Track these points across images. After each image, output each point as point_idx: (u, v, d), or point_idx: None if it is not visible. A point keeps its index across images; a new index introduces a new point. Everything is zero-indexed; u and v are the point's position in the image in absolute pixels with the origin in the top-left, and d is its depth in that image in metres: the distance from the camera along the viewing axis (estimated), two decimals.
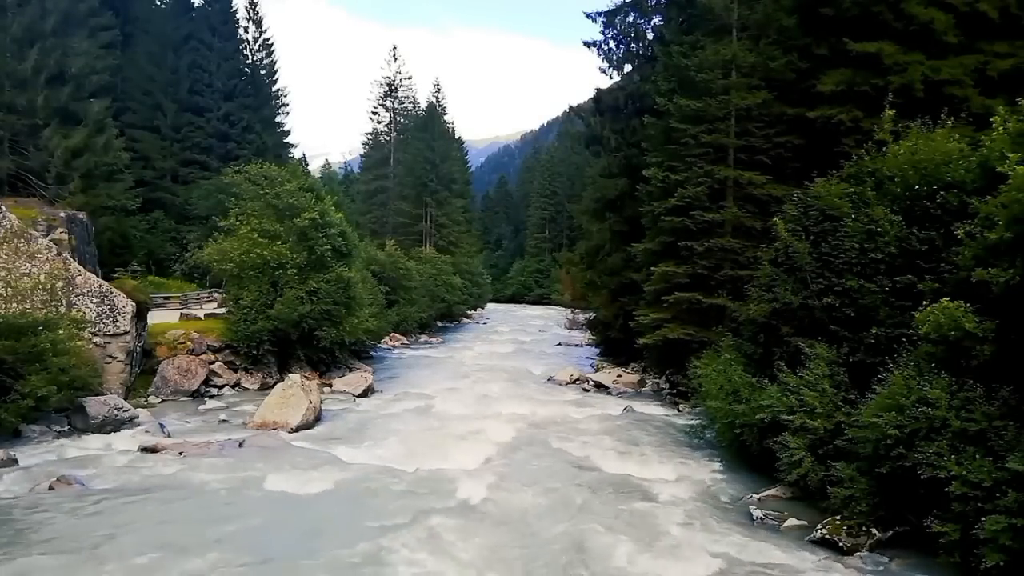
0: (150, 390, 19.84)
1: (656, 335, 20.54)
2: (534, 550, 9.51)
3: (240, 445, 14.61)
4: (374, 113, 67.31)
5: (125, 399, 17.19)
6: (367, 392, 22.01)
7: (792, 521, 10.59)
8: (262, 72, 47.64)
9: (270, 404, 17.03)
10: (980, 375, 8.93)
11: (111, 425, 15.50)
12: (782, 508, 11.17)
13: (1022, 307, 8.60)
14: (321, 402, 18.11)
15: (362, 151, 72.71)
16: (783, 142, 19.37)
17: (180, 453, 13.68)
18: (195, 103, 42.06)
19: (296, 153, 52.57)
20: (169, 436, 15.36)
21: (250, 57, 46.99)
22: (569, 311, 45.18)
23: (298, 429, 16.32)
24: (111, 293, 18.36)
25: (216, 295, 32.46)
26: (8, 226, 17.32)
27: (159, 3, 45.67)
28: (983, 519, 7.80)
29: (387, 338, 35.85)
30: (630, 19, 27.90)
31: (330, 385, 22.51)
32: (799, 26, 18.74)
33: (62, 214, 21.16)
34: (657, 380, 24.13)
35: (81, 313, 17.45)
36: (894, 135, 12.82)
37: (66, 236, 19.96)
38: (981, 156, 10.54)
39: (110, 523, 9.95)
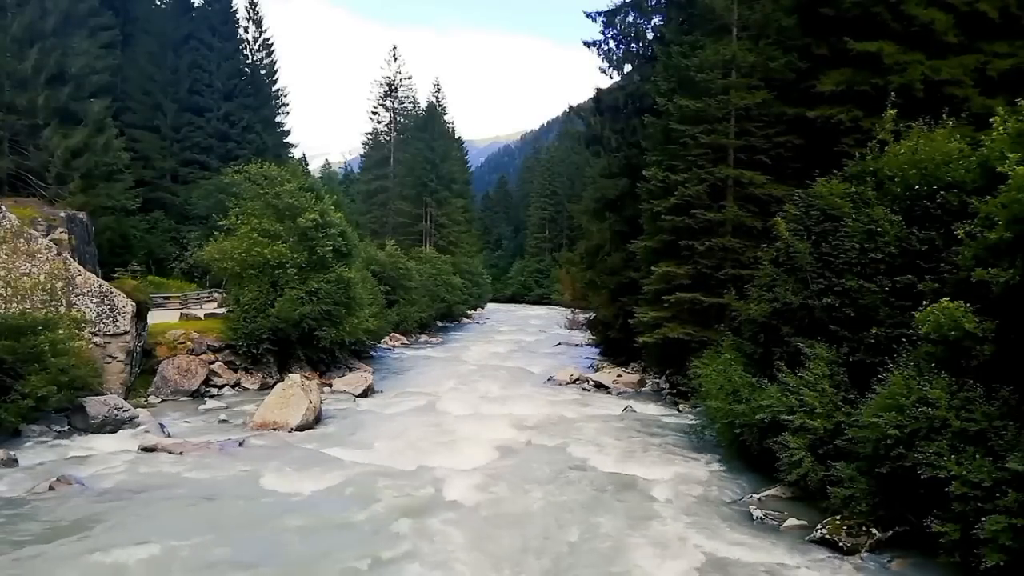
0: (150, 390, 19.84)
1: (656, 334, 20.52)
2: (533, 550, 9.52)
3: (240, 445, 14.64)
4: (374, 113, 67.32)
5: (125, 399, 17.19)
6: (367, 392, 22.01)
7: (792, 521, 10.59)
8: (262, 72, 47.60)
9: (270, 404, 17.03)
10: (980, 375, 8.92)
11: (111, 425, 15.51)
12: (782, 508, 11.17)
13: (1022, 307, 8.60)
14: (321, 402, 18.10)
15: (362, 151, 72.68)
16: (783, 142, 19.35)
17: (180, 453, 13.69)
18: (195, 103, 42.02)
19: (296, 153, 52.62)
20: (169, 436, 15.35)
21: (250, 57, 46.95)
22: (569, 311, 45.12)
23: (298, 429, 16.32)
24: (111, 293, 18.36)
25: (216, 295, 32.46)
26: (8, 226, 17.32)
27: (159, 3, 45.62)
28: (983, 519, 7.79)
29: (387, 338, 35.84)
30: (630, 19, 27.88)
31: (330, 385, 22.50)
32: (799, 26, 18.73)
33: (62, 214, 21.15)
34: (657, 380, 24.13)
35: (81, 313, 17.46)
36: (895, 135, 12.82)
37: (66, 236, 19.93)
38: (981, 156, 10.54)
39: (110, 523, 9.97)
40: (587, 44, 28.38)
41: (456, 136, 77.50)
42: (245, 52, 46.59)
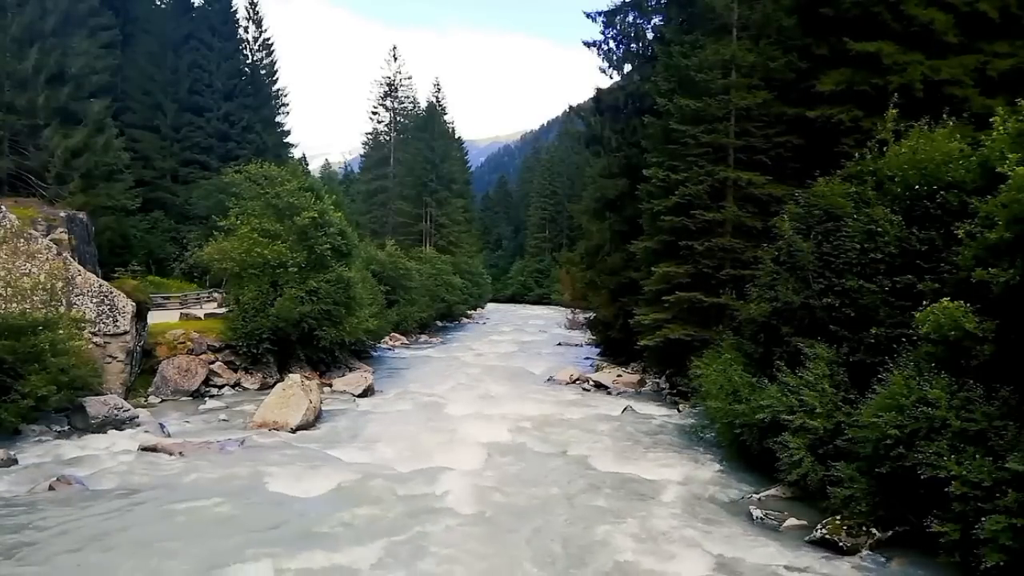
0: (150, 390, 19.84)
1: (656, 336, 20.52)
2: (533, 550, 9.51)
3: (240, 445, 14.63)
4: (374, 113, 67.30)
5: (125, 399, 17.19)
6: (367, 392, 22.01)
7: (792, 521, 10.59)
8: (262, 72, 47.57)
9: (270, 404, 17.03)
10: (980, 375, 8.93)
11: (111, 425, 15.50)
12: (782, 508, 11.17)
13: (1022, 307, 8.60)
14: (321, 402, 18.11)
15: (362, 151, 72.70)
16: (783, 142, 19.36)
17: (180, 453, 13.68)
18: (195, 103, 42.01)
19: (296, 153, 52.54)
20: (169, 436, 15.36)
21: (250, 57, 46.90)
22: (569, 311, 45.12)
23: (298, 429, 16.33)
24: (111, 293, 18.36)
25: (216, 295, 32.46)
26: (8, 226, 17.32)
27: (159, 3, 45.62)
28: (983, 519, 7.80)
29: (387, 338, 35.84)
30: (630, 19, 27.89)
31: (330, 385, 22.50)
32: (799, 26, 18.73)
33: (62, 214, 21.13)
34: (657, 380, 24.13)
35: (81, 313, 17.45)
36: (895, 135, 12.82)
37: (66, 236, 19.92)
38: (981, 156, 10.54)
39: (110, 523, 9.96)
40: (587, 44, 28.40)
41: (456, 136, 77.56)
42: (245, 52, 46.55)
